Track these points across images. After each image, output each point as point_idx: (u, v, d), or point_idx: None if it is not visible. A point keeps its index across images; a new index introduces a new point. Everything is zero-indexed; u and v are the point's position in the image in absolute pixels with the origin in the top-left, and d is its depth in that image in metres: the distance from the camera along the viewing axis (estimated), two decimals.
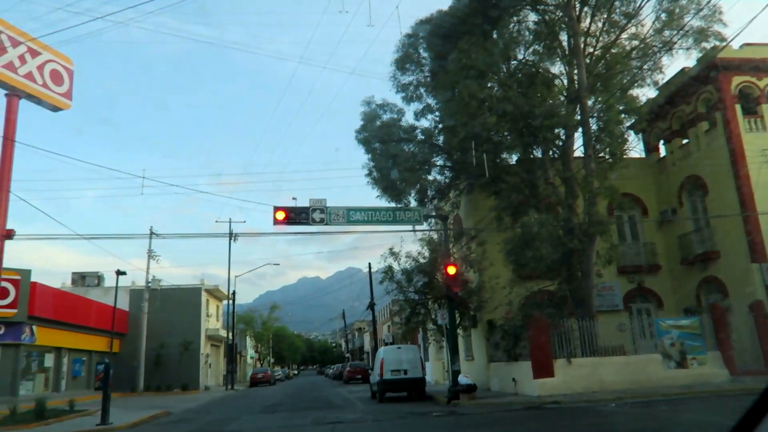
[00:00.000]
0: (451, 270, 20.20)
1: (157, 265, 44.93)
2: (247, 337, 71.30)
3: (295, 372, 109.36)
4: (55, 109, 20.94)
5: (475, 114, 18.25)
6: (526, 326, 19.15)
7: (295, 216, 19.91)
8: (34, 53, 19.86)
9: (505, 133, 19.11)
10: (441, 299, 22.16)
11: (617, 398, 16.10)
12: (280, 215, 19.75)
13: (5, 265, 24.30)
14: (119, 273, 23.90)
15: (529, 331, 18.91)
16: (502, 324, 21.07)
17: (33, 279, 27.03)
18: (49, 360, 29.62)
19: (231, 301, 45.58)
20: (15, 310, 25.15)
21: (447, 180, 23.84)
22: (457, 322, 21.60)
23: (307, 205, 20.03)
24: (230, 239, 38.18)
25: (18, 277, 25.42)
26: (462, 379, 19.32)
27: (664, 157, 25.87)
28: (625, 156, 20.66)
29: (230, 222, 39.97)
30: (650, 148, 26.57)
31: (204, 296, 45.01)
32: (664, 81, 22.94)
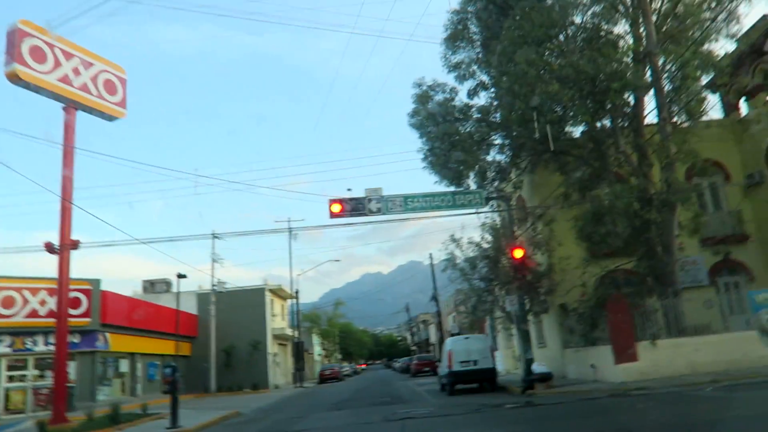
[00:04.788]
0: (518, 253, 19.12)
1: (222, 268, 45.78)
2: (314, 334, 71.96)
3: (363, 367, 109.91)
4: (111, 118, 21.19)
5: (534, 83, 17.02)
6: (604, 308, 17.81)
7: (352, 207, 19.37)
8: (87, 65, 20.11)
9: (569, 103, 17.72)
10: (508, 285, 21.08)
11: (712, 381, 14.63)
12: (336, 207, 19.26)
13: (78, 275, 25.08)
14: (180, 276, 24.20)
15: (607, 312, 17.57)
16: (577, 307, 19.77)
17: (105, 288, 27.81)
18: (124, 365, 30.46)
19: (295, 300, 45.86)
20: (89, 319, 25.90)
21: (507, 159, 22.62)
22: (527, 307, 20.48)
23: (363, 195, 19.44)
24: (290, 236, 38.34)
25: (89, 287, 26.18)
26: (536, 368, 18.27)
27: (746, 115, 23.63)
28: (702, 116, 18.87)
29: (289, 220, 40.02)
30: (729, 108, 24.30)
31: (268, 296, 45.44)
32: (742, 32, 20.82)
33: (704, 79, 19.45)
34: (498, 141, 22.55)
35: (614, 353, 17.04)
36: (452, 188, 21.53)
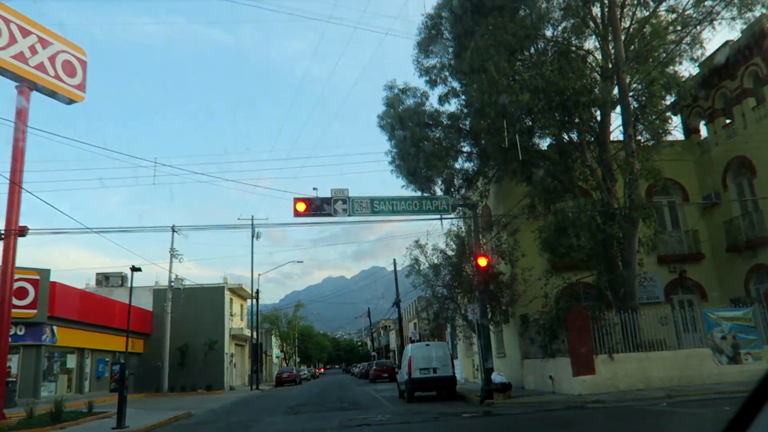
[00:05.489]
0: (483, 261, 19.11)
1: (181, 264, 44.67)
2: (273, 336, 70.97)
3: (321, 371, 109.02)
4: (69, 101, 20.37)
5: (505, 92, 17.06)
6: (564, 320, 17.92)
7: (317, 207, 19.01)
8: (46, 43, 19.29)
9: (538, 114, 17.83)
10: (471, 293, 21.06)
11: (667, 396, 14.86)
12: (301, 206, 18.87)
13: (26, 265, 23.98)
14: (134, 269, 23.31)
15: (567, 325, 17.69)
16: (538, 318, 19.86)
17: (56, 280, 26.69)
18: (71, 361, 29.31)
19: (255, 300, 45.02)
20: (35, 311, 24.76)
21: (475, 167, 22.65)
22: (489, 316, 20.47)
23: (328, 195, 19.11)
24: (252, 234, 37.62)
25: (37, 277, 25.06)
26: (495, 377, 18.24)
27: (705, 138, 24.30)
28: (666, 136, 19.28)
29: (252, 219, 39.21)
30: (690, 130, 24.97)
31: (227, 295, 44.55)
32: (705, 57, 21.42)
33: (668, 99, 19.91)
34: (466, 149, 22.57)
35: (573, 365, 17.13)
36: (419, 193, 21.43)
